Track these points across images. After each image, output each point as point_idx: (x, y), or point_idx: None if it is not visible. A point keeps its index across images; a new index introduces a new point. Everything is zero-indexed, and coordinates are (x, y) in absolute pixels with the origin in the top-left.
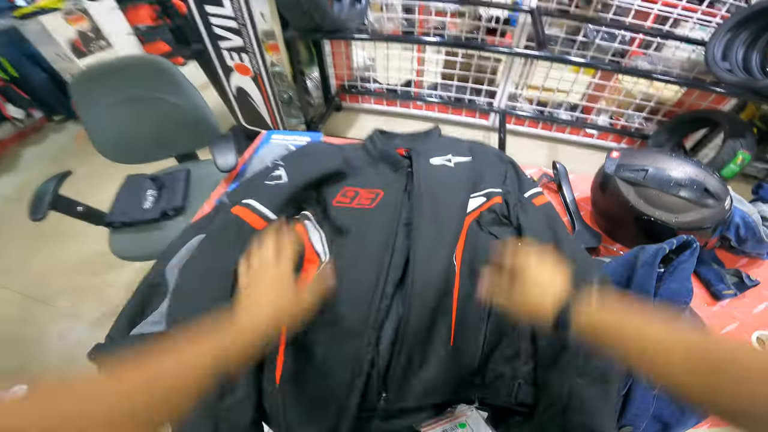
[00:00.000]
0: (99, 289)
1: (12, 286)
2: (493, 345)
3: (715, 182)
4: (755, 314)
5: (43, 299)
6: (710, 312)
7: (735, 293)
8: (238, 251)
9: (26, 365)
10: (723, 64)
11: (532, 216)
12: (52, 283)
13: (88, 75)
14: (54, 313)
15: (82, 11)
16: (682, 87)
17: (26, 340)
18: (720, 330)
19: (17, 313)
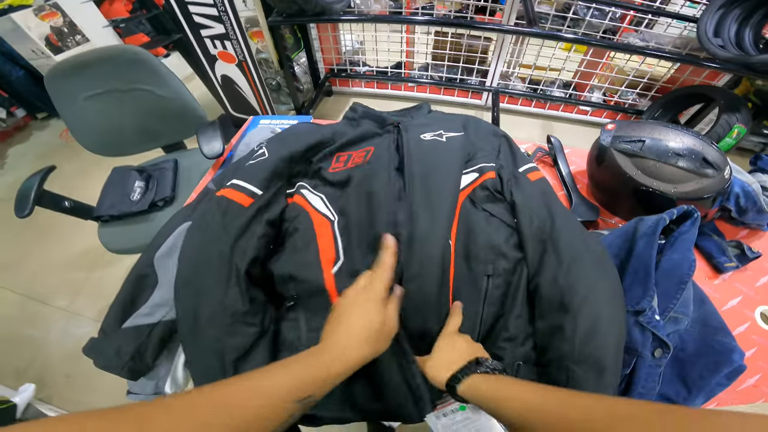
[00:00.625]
0: (96, 284)
1: (9, 285)
2: (490, 325)
3: (713, 152)
4: (758, 287)
5: (42, 299)
6: (712, 285)
7: (737, 265)
8: (226, 231)
9: (31, 365)
10: (715, 41)
11: (526, 191)
12: (49, 282)
13: (61, 69)
14: (53, 311)
15: (54, 6)
16: (675, 63)
17: (29, 340)
18: (723, 304)
19: (17, 312)
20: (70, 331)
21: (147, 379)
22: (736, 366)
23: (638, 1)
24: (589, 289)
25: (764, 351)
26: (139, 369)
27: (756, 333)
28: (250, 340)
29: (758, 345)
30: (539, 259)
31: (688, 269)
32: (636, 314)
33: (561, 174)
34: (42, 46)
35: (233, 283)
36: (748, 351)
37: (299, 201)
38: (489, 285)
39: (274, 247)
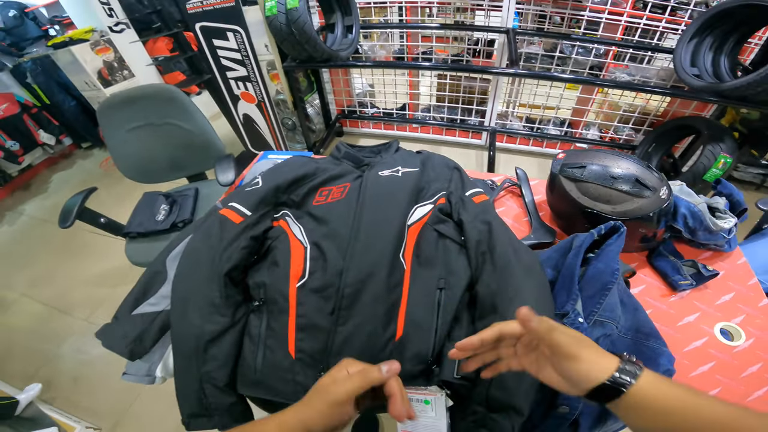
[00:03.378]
0: (116, 300)
1: (37, 296)
2: (444, 334)
3: (650, 175)
4: (718, 305)
5: (65, 309)
6: (667, 302)
7: (692, 283)
8: (219, 241)
9: (43, 367)
10: (691, 70)
11: (470, 211)
12: (75, 295)
13: (111, 102)
14: (73, 321)
15: (108, 42)
16: (650, 95)
17: (46, 345)
18: (679, 320)
19: (40, 320)
20: (85, 340)
21: (142, 361)
22: (664, 369)
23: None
24: (516, 291)
25: (722, 365)
26: (138, 351)
27: (714, 347)
28: (221, 328)
29: (716, 359)
30: (480, 267)
31: (610, 276)
32: (561, 317)
33: (525, 202)
34: (94, 79)
35: (215, 280)
36: (705, 365)
37: (283, 225)
38: (442, 297)
39: (256, 259)
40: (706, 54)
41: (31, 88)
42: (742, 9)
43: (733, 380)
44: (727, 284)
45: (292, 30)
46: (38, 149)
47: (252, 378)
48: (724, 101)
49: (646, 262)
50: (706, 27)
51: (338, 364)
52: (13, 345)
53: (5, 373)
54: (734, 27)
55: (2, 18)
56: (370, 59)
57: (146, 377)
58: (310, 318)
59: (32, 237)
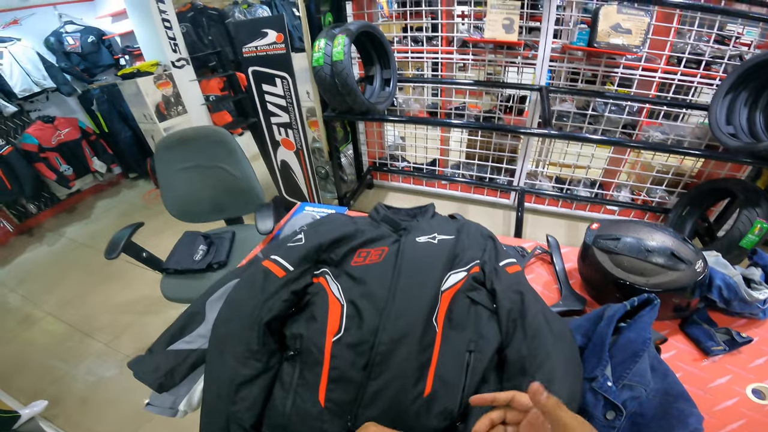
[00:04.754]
0: (139, 328)
1: (63, 317)
2: (476, 389)
3: (685, 248)
4: (751, 368)
5: (88, 331)
6: (699, 366)
7: (725, 349)
8: (262, 292)
9: (54, 384)
10: (727, 129)
11: (503, 281)
12: (100, 319)
13: (169, 140)
14: (93, 344)
15: (169, 77)
16: (684, 156)
17: (60, 365)
18: (710, 382)
19: (60, 341)
20: (100, 364)
21: (168, 394)
22: (692, 428)
23: (651, 93)
24: (546, 355)
25: (753, 423)
26: (167, 385)
27: (745, 406)
28: (255, 372)
29: (747, 417)
30: (510, 334)
31: (642, 345)
32: (590, 381)
33: (555, 270)
34: (152, 112)
35: (254, 328)
36: (736, 422)
37: (323, 282)
38: (471, 359)
39: (295, 311)
40: (741, 110)
41: (94, 115)
42: None
43: None
44: (761, 348)
45: (335, 81)
46: (89, 176)
47: (280, 422)
48: (759, 163)
49: (678, 329)
50: (741, 81)
51: (364, 427)
52: (29, 361)
53: (13, 387)
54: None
55: (81, 43)
56: (404, 112)
57: (170, 410)
58: (342, 371)
59: (68, 259)
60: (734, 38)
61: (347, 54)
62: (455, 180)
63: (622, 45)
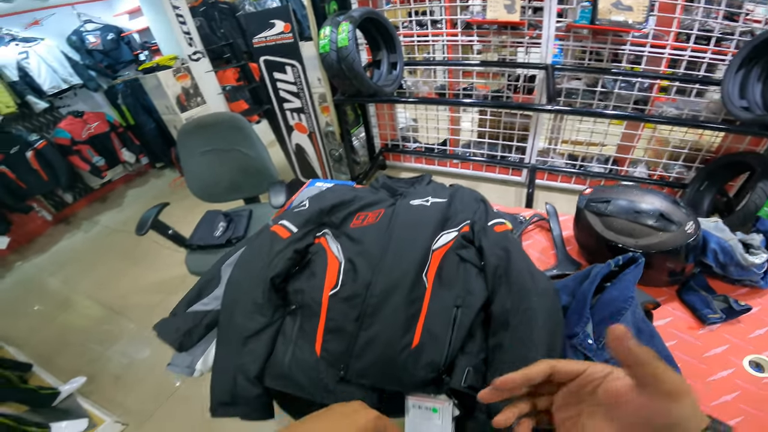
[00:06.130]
0: (169, 306)
1: (99, 298)
2: (457, 348)
3: (676, 210)
4: (750, 338)
5: (121, 311)
6: (695, 334)
7: (721, 317)
8: (269, 252)
9: (91, 362)
10: (740, 102)
11: (491, 239)
12: (132, 299)
13: (189, 127)
14: (126, 324)
15: (187, 69)
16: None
17: (96, 346)
18: (705, 351)
19: (96, 322)
20: (134, 342)
21: (186, 354)
22: None
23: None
24: (527, 310)
25: (747, 395)
26: (186, 344)
27: (741, 378)
28: (260, 326)
29: (742, 389)
30: (496, 290)
31: (623, 302)
32: (570, 338)
33: (553, 236)
34: (173, 104)
35: (260, 285)
36: (730, 394)
37: (323, 242)
38: (458, 314)
39: (298, 270)
40: (755, 85)
41: (120, 109)
42: None
43: (759, 410)
44: (761, 318)
45: (342, 66)
46: (119, 166)
47: (280, 372)
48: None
49: (675, 296)
50: (753, 56)
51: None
52: (68, 341)
53: (54, 366)
54: None
55: (102, 40)
56: (413, 94)
57: (187, 369)
58: (337, 322)
59: (103, 245)
60: (744, 15)
61: (351, 40)
62: (467, 159)
63: (624, 22)
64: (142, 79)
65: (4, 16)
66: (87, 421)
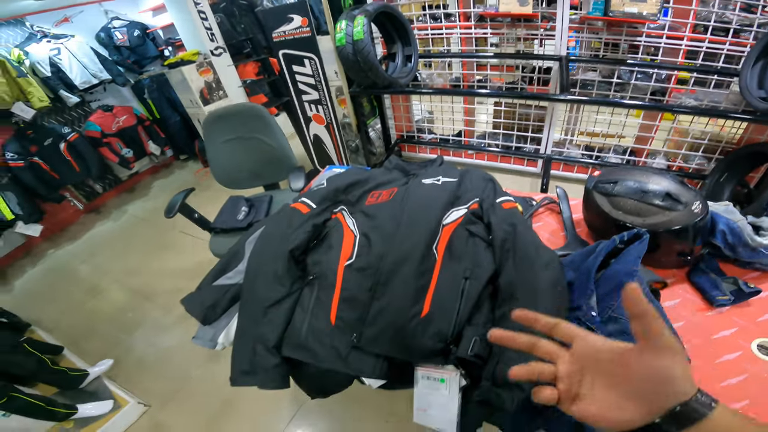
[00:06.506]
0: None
1: (127, 283)
2: (465, 319)
3: (683, 190)
4: (759, 322)
5: (148, 296)
6: (704, 316)
7: (730, 299)
8: (289, 226)
9: (117, 345)
10: (758, 92)
11: (498, 215)
12: (159, 284)
13: (213, 116)
14: (153, 306)
15: (209, 64)
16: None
17: (122, 331)
18: (714, 333)
19: (123, 307)
20: (159, 324)
21: (210, 328)
22: None
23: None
24: (533, 281)
25: (755, 378)
26: (210, 317)
27: (748, 361)
28: (280, 296)
29: (749, 372)
30: (503, 263)
31: (627, 276)
32: (574, 310)
33: (563, 218)
34: (197, 97)
35: (280, 257)
36: (736, 377)
37: (340, 217)
38: (467, 285)
39: (315, 243)
40: None
41: (146, 103)
42: None
43: (766, 395)
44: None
45: (357, 59)
46: (146, 158)
47: (297, 341)
48: None
49: (684, 278)
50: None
51: None
52: (98, 326)
53: (82, 350)
54: None
55: (129, 37)
56: (429, 87)
57: (210, 342)
58: (352, 292)
59: (131, 233)
60: (762, 6)
61: (367, 33)
62: (482, 149)
63: (638, 14)
64: (167, 74)
65: (36, 14)
66: (112, 402)
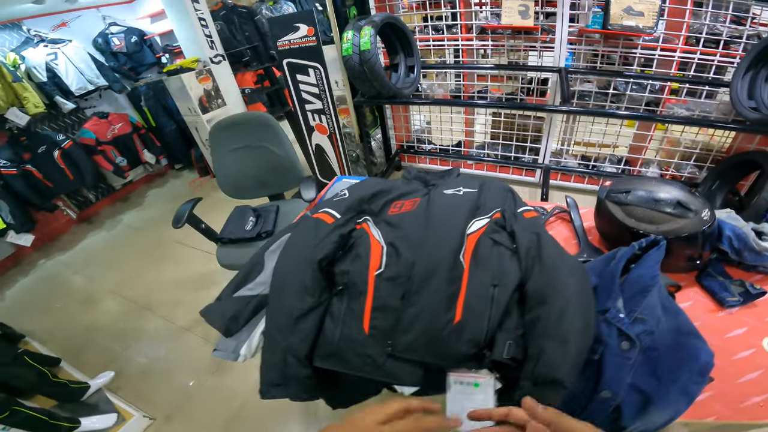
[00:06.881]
0: (195, 302)
1: (124, 295)
2: (496, 324)
3: (692, 199)
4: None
5: (147, 307)
6: (715, 317)
7: (739, 300)
8: (315, 236)
9: (119, 357)
10: (749, 103)
11: (521, 224)
12: (157, 296)
13: (221, 125)
14: (153, 319)
15: (208, 72)
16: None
17: (122, 341)
18: (726, 333)
19: (122, 318)
20: (161, 336)
21: (232, 339)
22: (703, 362)
23: (672, 72)
24: (562, 285)
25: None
26: (231, 329)
27: (762, 358)
28: (309, 306)
29: (764, 368)
30: (530, 269)
31: (650, 279)
32: (602, 313)
33: (574, 226)
34: (196, 105)
35: (308, 267)
36: (751, 374)
37: (365, 227)
38: (495, 293)
39: (342, 253)
40: (763, 86)
41: (142, 111)
42: None
43: None
44: None
45: (364, 69)
46: (140, 167)
47: (330, 350)
48: None
49: (695, 282)
50: (761, 59)
51: None
52: (93, 338)
53: (80, 362)
54: None
55: (126, 43)
56: (429, 97)
57: (232, 353)
58: (383, 300)
59: (126, 243)
60: (750, 19)
61: (374, 43)
62: (481, 159)
63: (636, 27)
64: (166, 81)
65: (34, 18)
66: (116, 415)
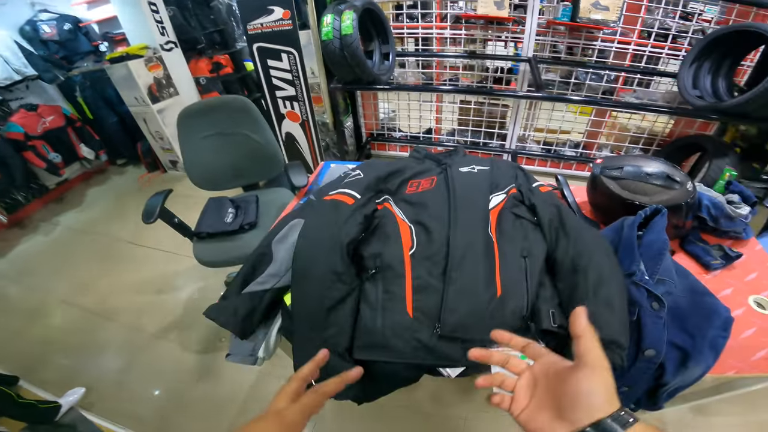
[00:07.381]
0: (160, 306)
1: (77, 304)
2: (534, 294)
3: (677, 172)
4: (747, 281)
5: (107, 315)
6: (704, 279)
7: (722, 263)
8: (337, 218)
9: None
10: (693, 92)
11: (539, 198)
12: (116, 302)
13: (190, 111)
14: (116, 327)
15: (159, 59)
16: (670, 117)
17: (86, 353)
18: (717, 293)
19: (80, 327)
20: (130, 345)
21: (247, 342)
22: (724, 317)
23: (626, 63)
24: (591, 252)
25: (763, 330)
26: (247, 329)
27: (753, 316)
28: (342, 295)
29: (756, 325)
30: (555, 240)
31: (662, 243)
32: (629, 276)
33: (568, 202)
34: (144, 95)
35: (337, 251)
36: (748, 330)
37: (388, 206)
38: (527, 264)
39: (365, 235)
40: (705, 77)
41: (76, 103)
42: (732, 35)
43: None
44: (749, 266)
45: (344, 54)
46: (77, 163)
47: (374, 340)
48: (724, 118)
49: (679, 248)
50: (704, 53)
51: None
52: (51, 353)
53: (39, 379)
54: (728, 52)
55: (58, 31)
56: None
57: (250, 357)
58: (424, 280)
59: (69, 247)
60: (696, 15)
61: (355, 28)
62: (450, 145)
63: (602, 20)
64: (108, 69)
65: None
66: None
